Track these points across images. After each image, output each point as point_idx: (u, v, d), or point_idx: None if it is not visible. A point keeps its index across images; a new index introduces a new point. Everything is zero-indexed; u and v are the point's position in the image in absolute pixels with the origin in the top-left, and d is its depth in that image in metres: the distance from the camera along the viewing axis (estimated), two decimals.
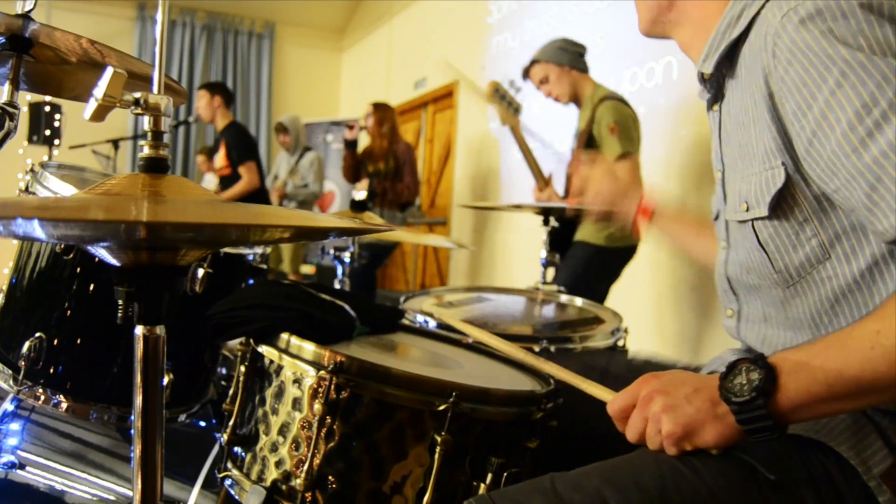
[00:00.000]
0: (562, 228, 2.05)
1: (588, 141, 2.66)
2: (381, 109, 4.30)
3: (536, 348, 1.42)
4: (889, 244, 0.76)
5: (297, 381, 0.89)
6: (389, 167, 4.18)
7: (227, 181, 4.79)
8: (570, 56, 2.74)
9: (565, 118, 3.01)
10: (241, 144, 4.73)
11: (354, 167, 4.36)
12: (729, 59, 0.92)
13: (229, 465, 0.96)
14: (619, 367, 1.13)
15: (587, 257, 2.62)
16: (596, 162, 1.30)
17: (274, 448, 0.90)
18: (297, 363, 0.89)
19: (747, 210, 0.89)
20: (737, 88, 0.92)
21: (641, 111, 3.12)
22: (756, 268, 0.91)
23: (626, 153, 2.54)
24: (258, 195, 4.74)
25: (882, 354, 0.69)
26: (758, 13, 0.86)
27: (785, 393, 0.72)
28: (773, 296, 0.91)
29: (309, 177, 5.44)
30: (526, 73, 2.85)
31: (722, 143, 1.00)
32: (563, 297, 1.88)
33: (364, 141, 4.56)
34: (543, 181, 2.58)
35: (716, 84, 0.97)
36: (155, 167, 0.66)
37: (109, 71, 0.60)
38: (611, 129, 2.55)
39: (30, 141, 4.58)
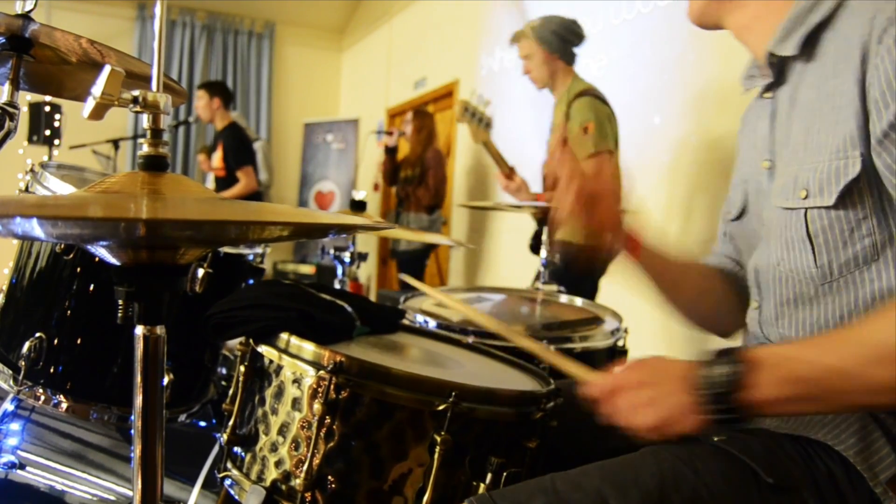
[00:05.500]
0: (542, 228, 2.05)
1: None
2: (419, 117, 4.41)
3: None
4: None
5: (297, 381, 0.89)
6: (416, 173, 4.30)
7: (222, 182, 4.81)
8: (560, 44, 2.61)
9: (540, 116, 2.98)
10: (239, 149, 4.75)
11: (392, 172, 4.51)
12: (806, 44, 0.89)
13: (229, 465, 0.96)
14: None
15: (568, 256, 2.60)
16: (568, 154, 1.10)
17: (274, 448, 0.89)
18: (297, 363, 0.89)
19: (805, 197, 0.86)
20: (813, 73, 0.89)
21: (654, 120, 3.11)
22: (792, 259, 0.89)
23: (598, 152, 2.48)
24: (254, 198, 4.76)
25: (871, 356, 0.70)
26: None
27: (759, 389, 0.73)
28: (801, 292, 0.89)
29: None
30: (514, 40, 2.74)
31: (776, 131, 0.96)
32: (563, 298, 1.88)
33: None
34: (509, 168, 2.54)
35: (777, 69, 0.94)
36: (154, 165, 0.66)
37: (107, 69, 0.60)
38: (584, 128, 2.49)
39: (30, 141, 4.58)
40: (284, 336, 0.92)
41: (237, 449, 0.96)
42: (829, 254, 0.85)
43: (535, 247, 2.53)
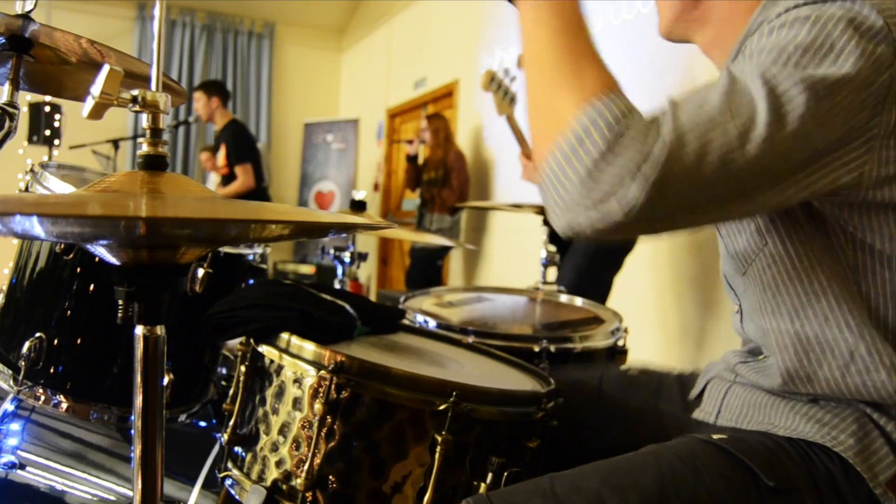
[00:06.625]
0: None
1: None
2: (433, 120, 4.48)
3: (536, 348, 1.42)
4: None
5: (298, 381, 0.89)
6: (439, 175, 4.37)
7: (227, 179, 4.80)
8: None
9: None
10: (238, 145, 4.73)
11: (416, 178, 4.61)
12: None
13: (230, 464, 0.96)
14: (613, 383, 1.12)
15: (589, 251, 2.64)
16: None
17: (274, 448, 0.89)
18: (298, 363, 0.89)
19: None
20: None
21: None
22: (725, 258, 0.93)
23: None
24: (255, 196, 4.74)
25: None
26: None
27: None
28: (744, 284, 0.91)
29: None
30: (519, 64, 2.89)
31: None
32: (563, 297, 1.88)
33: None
34: (530, 149, 2.60)
35: None
36: (153, 164, 0.65)
37: (106, 68, 0.60)
38: None
39: (30, 141, 4.57)
40: (285, 336, 0.92)
41: (238, 449, 0.96)
42: (733, 244, 0.88)
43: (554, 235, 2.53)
